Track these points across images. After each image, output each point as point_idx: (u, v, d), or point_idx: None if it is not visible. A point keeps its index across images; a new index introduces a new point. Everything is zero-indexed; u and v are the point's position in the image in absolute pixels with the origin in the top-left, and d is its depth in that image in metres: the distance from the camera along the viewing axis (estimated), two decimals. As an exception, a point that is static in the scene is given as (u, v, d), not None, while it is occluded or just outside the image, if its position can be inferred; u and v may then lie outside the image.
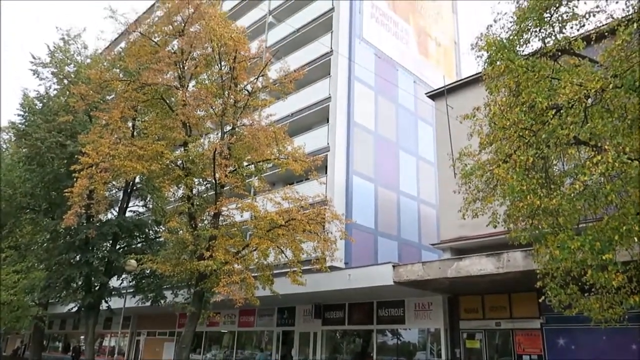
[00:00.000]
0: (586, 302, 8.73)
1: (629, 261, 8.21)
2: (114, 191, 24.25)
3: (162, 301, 21.76)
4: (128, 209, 23.22)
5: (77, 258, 20.47)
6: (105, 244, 21.56)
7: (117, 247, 22.25)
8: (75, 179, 14.81)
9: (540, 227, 8.06)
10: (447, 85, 20.29)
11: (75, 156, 16.45)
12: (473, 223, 12.60)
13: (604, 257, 6.78)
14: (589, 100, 7.49)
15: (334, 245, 16.30)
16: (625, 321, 9.03)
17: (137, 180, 22.29)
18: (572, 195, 7.19)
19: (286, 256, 16.44)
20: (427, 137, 28.78)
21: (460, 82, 20.48)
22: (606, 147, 6.82)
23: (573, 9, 8.20)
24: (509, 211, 8.75)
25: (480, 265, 13.80)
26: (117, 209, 22.85)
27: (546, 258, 8.14)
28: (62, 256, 20.34)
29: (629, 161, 6.42)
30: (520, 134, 7.83)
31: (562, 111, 7.46)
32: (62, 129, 20.33)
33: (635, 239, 6.89)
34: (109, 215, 22.91)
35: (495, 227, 9.43)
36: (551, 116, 7.53)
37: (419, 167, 28.09)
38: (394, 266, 16.12)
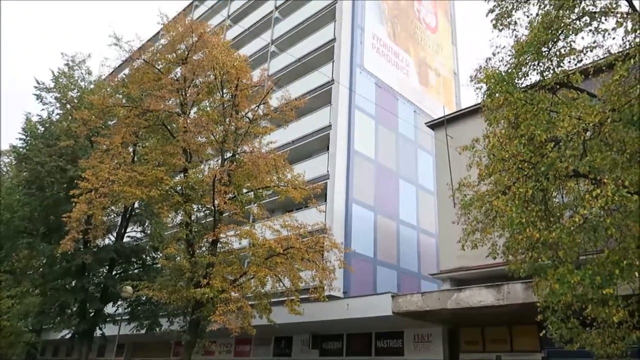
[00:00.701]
0: (588, 336, 8.59)
1: (630, 295, 8.11)
2: (112, 216, 24.17)
3: (158, 329, 21.41)
4: (126, 235, 23.11)
5: (73, 284, 20.28)
6: (101, 269, 21.38)
7: (114, 273, 22.05)
8: (74, 204, 14.79)
9: (539, 260, 7.99)
10: (446, 116, 20.44)
11: (75, 181, 16.47)
12: (473, 253, 12.46)
13: (604, 292, 6.70)
14: (588, 134, 7.52)
15: (333, 274, 16.14)
16: (627, 356, 8.87)
17: (136, 205, 22.24)
18: (572, 228, 7.15)
19: (284, 285, 16.27)
20: (426, 166, 28.84)
21: (460, 112, 20.63)
22: (605, 180, 6.82)
23: (570, 44, 8.32)
24: (508, 243, 8.69)
25: (480, 297, 13.63)
26: (114, 234, 22.73)
27: (546, 291, 8.04)
28: (58, 281, 20.15)
29: (629, 195, 6.41)
30: (520, 166, 7.84)
31: (560, 144, 7.50)
32: (63, 154, 20.41)
33: (637, 274, 6.82)
34: (107, 241, 22.78)
35: (494, 258, 9.36)
36: (550, 149, 7.55)
37: (419, 196, 28.06)
38: (392, 296, 15.93)
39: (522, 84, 9.04)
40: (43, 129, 22.18)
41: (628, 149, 7.13)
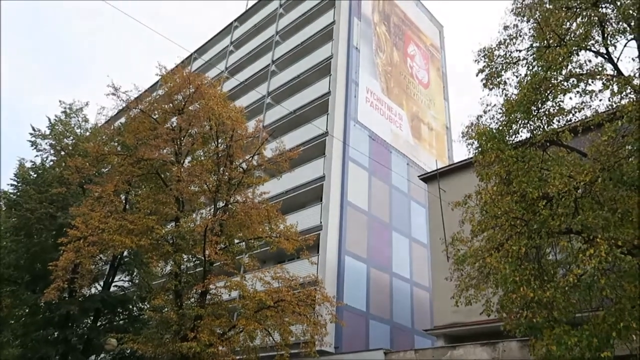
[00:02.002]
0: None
1: (628, 355, 7.92)
2: (100, 264, 23.69)
3: (141, 384, 20.53)
4: (113, 284, 22.57)
5: (55, 335, 19.55)
6: (86, 320, 20.70)
7: (98, 324, 21.34)
8: (61, 252, 14.51)
9: (535, 319, 7.84)
10: (439, 169, 20.64)
11: (64, 228, 16.24)
12: (467, 309, 12.25)
13: (602, 355, 6.54)
14: (579, 192, 7.58)
15: (324, 328, 15.72)
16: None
17: (125, 254, 21.84)
18: (566, 287, 7.06)
19: (274, 339, 15.80)
20: (420, 219, 28.83)
21: (452, 166, 20.85)
22: (598, 239, 6.80)
23: (559, 104, 8.53)
24: (502, 301, 8.55)
25: (475, 355, 13.29)
26: (101, 283, 22.20)
27: (543, 351, 7.85)
28: (40, 332, 19.43)
29: (622, 255, 6.38)
30: (512, 222, 7.84)
31: (552, 202, 7.53)
32: (54, 200, 20.23)
33: (634, 336, 6.69)
34: (93, 290, 22.21)
35: (489, 315, 9.18)
36: (542, 206, 7.58)
37: (412, 249, 27.87)
38: (385, 352, 15.52)
39: (513, 140, 9.19)
40: (35, 175, 22.09)
41: (620, 208, 7.17)
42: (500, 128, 9.01)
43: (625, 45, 8.74)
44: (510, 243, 7.65)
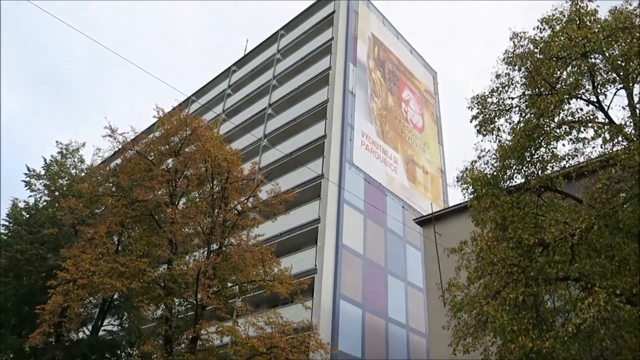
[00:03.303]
0: None
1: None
2: (89, 307, 23.13)
3: None
4: (102, 327, 21.96)
5: (39, 382, 18.84)
6: (72, 366, 19.99)
7: (85, 370, 20.63)
8: (50, 295, 14.18)
9: (535, 370, 7.63)
10: (434, 213, 20.59)
11: (54, 270, 15.95)
12: (466, 357, 11.97)
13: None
14: (575, 238, 7.53)
15: (318, 377, 15.25)
16: None
17: (115, 296, 21.38)
18: (566, 337, 6.90)
19: (265, 388, 15.26)
20: (415, 263, 28.55)
21: (447, 210, 20.82)
22: (596, 288, 6.71)
23: (552, 151, 8.61)
24: (500, 351, 8.34)
25: (473, 406, 12.82)
26: (90, 326, 21.60)
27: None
28: (24, 379, 18.76)
29: (622, 304, 6.27)
30: (509, 269, 7.75)
31: (549, 248, 7.47)
32: (45, 241, 19.96)
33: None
34: (81, 334, 21.58)
35: (487, 364, 8.93)
36: (538, 253, 7.52)
37: (408, 293, 27.45)
38: (381, 403, 14.95)
39: (507, 185, 9.22)
40: (28, 215, 21.89)
41: (617, 255, 7.12)
42: (495, 173, 9.06)
43: (615, 94, 8.93)
44: (508, 291, 7.54)
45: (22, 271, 19.96)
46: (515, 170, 9.06)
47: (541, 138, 8.48)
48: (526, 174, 8.96)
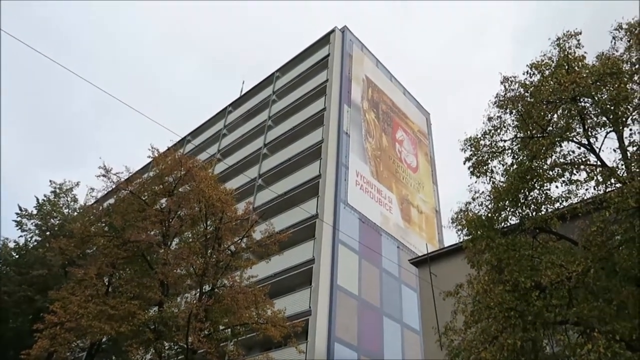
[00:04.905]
0: None
1: None
2: (76, 351, 22.46)
3: None
4: (89, 373, 21.26)
5: None
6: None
7: (69, 418, 19.84)
8: (36, 339, 13.79)
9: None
10: (429, 253, 20.41)
11: (42, 313, 15.56)
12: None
13: None
14: (572, 282, 7.45)
15: None
16: None
17: (103, 340, 20.80)
18: (567, 386, 6.73)
19: None
20: (411, 304, 28.09)
21: (443, 250, 20.63)
22: (595, 334, 6.59)
23: (546, 193, 8.64)
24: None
25: None
26: (76, 372, 20.95)
27: None
28: None
29: (622, 351, 6.14)
30: (506, 314, 7.62)
31: (546, 292, 7.38)
32: (34, 283, 19.61)
33: None
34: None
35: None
36: (535, 297, 7.41)
37: (404, 335, 26.88)
38: None
39: (502, 227, 9.19)
40: (17, 255, 21.56)
41: (614, 299, 7.03)
42: (489, 215, 9.04)
43: (605, 137, 9.05)
44: (505, 336, 7.38)
45: (9, 314, 19.51)
46: (510, 212, 9.06)
47: (534, 180, 8.53)
48: (521, 215, 8.97)
